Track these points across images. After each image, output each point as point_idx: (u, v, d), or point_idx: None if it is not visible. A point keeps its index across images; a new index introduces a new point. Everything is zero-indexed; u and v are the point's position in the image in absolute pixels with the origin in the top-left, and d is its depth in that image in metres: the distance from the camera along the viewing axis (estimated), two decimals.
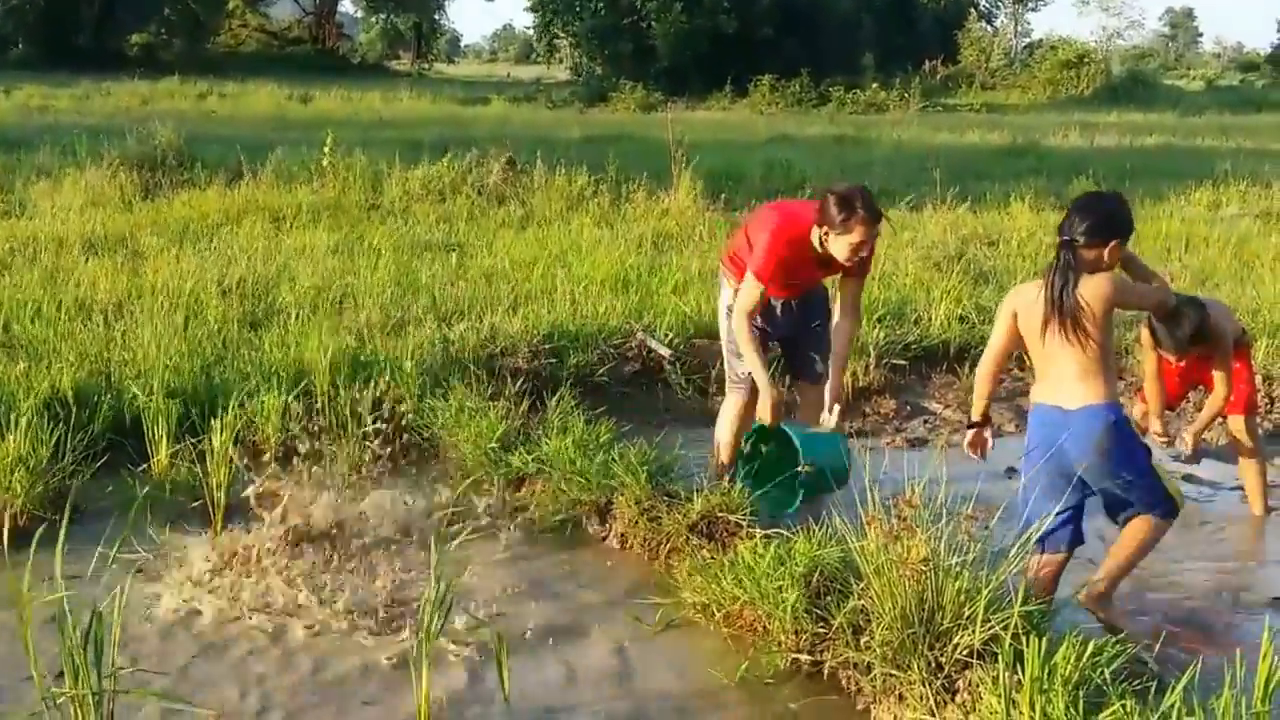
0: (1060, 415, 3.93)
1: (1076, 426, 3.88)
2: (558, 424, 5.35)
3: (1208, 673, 3.16)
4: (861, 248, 4.68)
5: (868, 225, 4.63)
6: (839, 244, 4.67)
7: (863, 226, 4.62)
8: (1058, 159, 17.29)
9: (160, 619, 4.04)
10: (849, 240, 4.64)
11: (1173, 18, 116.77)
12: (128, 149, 12.65)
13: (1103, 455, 3.89)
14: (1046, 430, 3.97)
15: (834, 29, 39.55)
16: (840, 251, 4.69)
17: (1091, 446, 3.88)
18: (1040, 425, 4.01)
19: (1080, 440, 3.88)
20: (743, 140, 20.16)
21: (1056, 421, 3.94)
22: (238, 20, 56.21)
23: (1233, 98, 40.67)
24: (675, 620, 4.11)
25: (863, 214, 4.60)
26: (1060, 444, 3.91)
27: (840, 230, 4.63)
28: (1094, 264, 3.91)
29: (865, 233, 4.64)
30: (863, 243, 4.66)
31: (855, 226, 4.61)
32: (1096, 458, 3.88)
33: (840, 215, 4.60)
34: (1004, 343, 4.12)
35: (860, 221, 4.61)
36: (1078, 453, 3.89)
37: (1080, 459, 3.89)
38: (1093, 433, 3.88)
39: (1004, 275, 9.02)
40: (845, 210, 4.60)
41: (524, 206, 11.51)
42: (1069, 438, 3.90)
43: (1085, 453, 3.88)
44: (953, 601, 3.47)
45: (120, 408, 5.43)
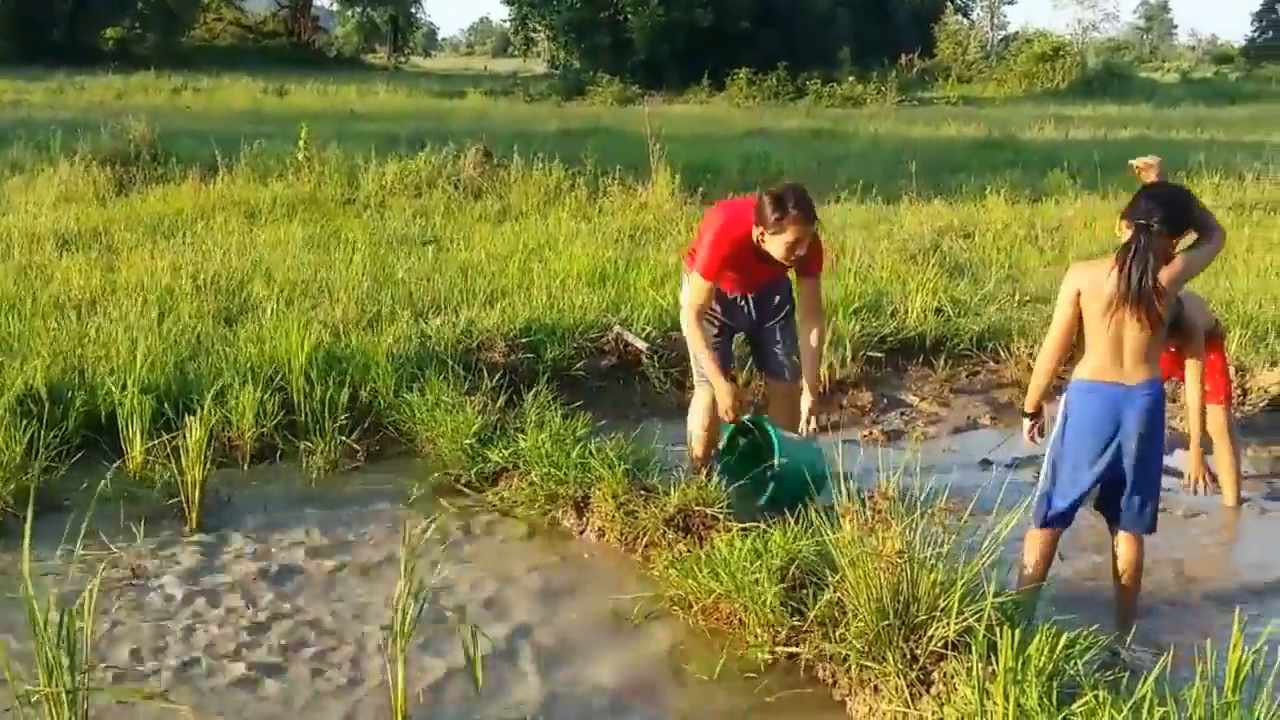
0: (1121, 390, 3.93)
1: (1137, 400, 3.91)
2: (535, 418, 5.34)
3: (1179, 663, 3.19)
4: (797, 246, 4.69)
5: (800, 224, 4.64)
6: (775, 244, 4.69)
7: (795, 226, 4.63)
8: (1033, 152, 17.38)
9: (133, 615, 4.02)
10: (783, 239, 4.66)
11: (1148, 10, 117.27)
12: (102, 144, 12.58)
13: (1150, 428, 3.94)
14: (1107, 406, 3.95)
15: (811, 22, 39.60)
16: (777, 250, 4.70)
17: (1146, 418, 3.92)
18: (1098, 401, 3.97)
19: (1138, 413, 3.92)
20: (720, 134, 20.18)
21: (1117, 397, 3.93)
22: (212, 14, 55.89)
23: (1207, 90, 40.91)
24: (652, 613, 4.11)
25: (795, 213, 4.62)
26: (1121, 417, 3.92)
27: (774, 230, 4.64)
28: (1166, 254, 3.92)
29: (799, 231, 4.65)
30: (797, 241, 4.67)
31: (788, 226, 4.62)
32: (1148, 429, 3.93)
33: (774, 215, 4.62)
34: (1069, 325, 4.03)
35: (793, 221, 4.62)
36: (1133, 425, 3.92)
37: (1134, 431, 3.92)
38: (1152, 405, 3.93)
39: (979, 267, 9.08)
40: (778, 210, 4.62)
41: (501, 200, 11.49)
42: (1127, 411, 3.92)
43: (1138, 424, 3.92)
44: (928, 593, 3.48)
45: (94, 404, 5.39)
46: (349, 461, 5.41)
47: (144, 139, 12.74)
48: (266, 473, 5.31)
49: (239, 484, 5.14)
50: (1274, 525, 5.23)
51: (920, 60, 43.49)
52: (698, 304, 4.90)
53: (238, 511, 4.89)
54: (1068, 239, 10.36)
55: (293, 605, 4.15)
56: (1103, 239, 10.25)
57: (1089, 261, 4.09)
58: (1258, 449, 6.06)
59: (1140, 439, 3.92)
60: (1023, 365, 6.92)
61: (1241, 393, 6.53)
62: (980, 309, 7.65)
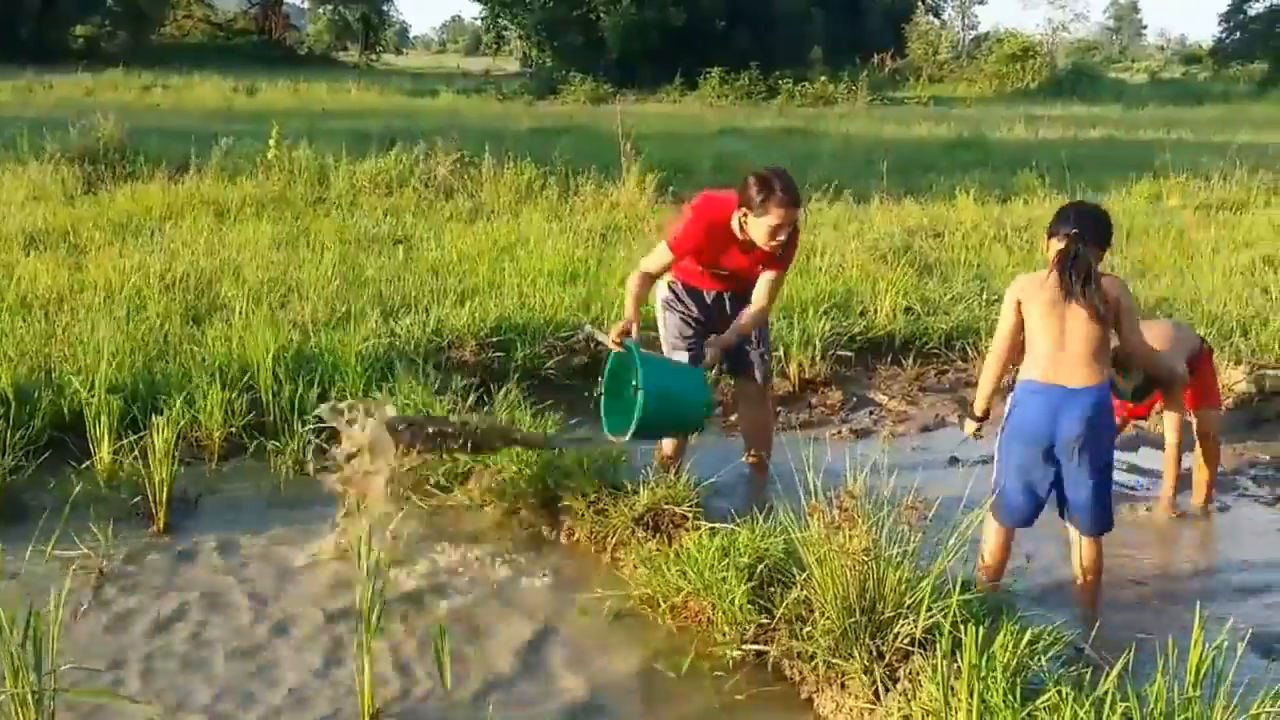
0: (1062, 392, 3.98)
1: (1078, 404, 3.96)
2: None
3: (1141, 659, 3.23)
4: (779, 230, 4.67)
5: (785, 208, 4.62)
6: (757, 226, 4.67)
7: (780, 209, 4.61)
8: (1003, 151, 17.49)
9: (100, 615, 4.00)
10: (767, 222, 4.64)
11: (1117, 11, 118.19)
12: (70, 142, 12.47)
13: (1092, 432, 3.98)
14: (1045, 409, 4.00)
15: (783, 22, 39.73)
16: (758, 234, 4.68)
17: (1087, 424, 3.96)
18: (1037, 403, 4.03)
19: (1077, 418, 3.96)
20: (692, 132, 20.20)
21: (1057, 399, 3.98)
22: (182, 11, 55.59)
23: (1175, 90, 41.29)
24: (622, 612, 4.11)
25: (780, 195, 4.60)
26: (1055, 420, 3.98)
27: (758, 212, 4.63)
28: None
29: (782, 215, 4.63)
30: (780, 225, 4.65)
31: (772, 208, 4.61)
32: (1089, 433, 3.96)
33: (758, 196, 4.61)
34: (1011, 331, 4.13)
35: (778, 203, 4.61)
36: (1072, 428, 3.96)
37: (1070, 435, 3.97)
38: (1094, 410, 3.98)
39: (949, 267, 9.12)
40: (763, 191, 4.61)
41: (472, 199, 11.48)
42: (1065, 414, 3.97)
43: (1078, 427, 3.96)
44: (894, 591, 3.51)
45: (61, 404, 5.36)
46: (317, 460, 5.39)
47: (113, 137, 12.63)
48: (235, 472, 5.29)
49: (207, 484, 5.12)
50: (1236, 523, 5.29)
51: (892, 60, 43.68)
52: (649, 268, 4.89)
53: (205, 511, 4.87)
54: (1036, 238, 10.41)
55: (260, 605, 4.14)
56: None
57: (1028, 275, 4.19)
58: (1222, 448, 6.10)
59: (1081, 442, 3.96)
60: None
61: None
62: (949, 308, 7.69)
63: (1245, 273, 9.01)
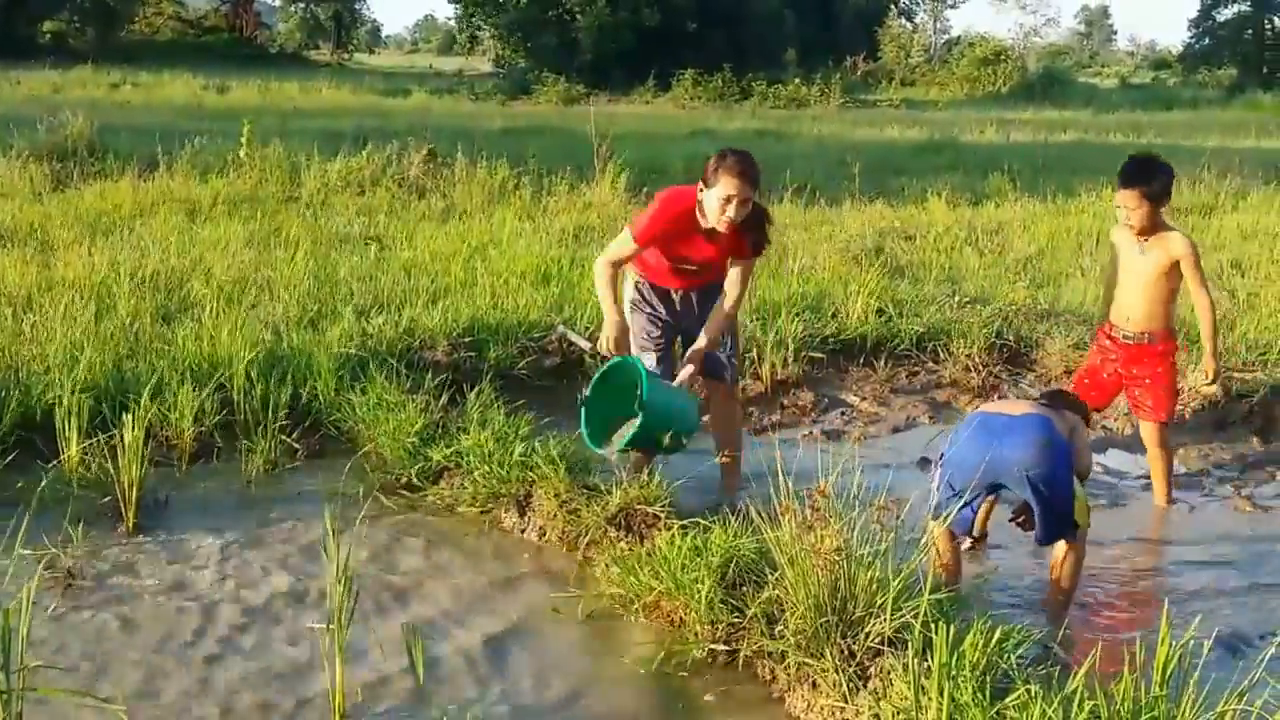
0: (1004, 420, 4.17)
1: (1020, 433, 4.11)
2: (477, 417, 5.33)
3: (1109, 658, 3.26)
4: (729, 204, 4.63)
5: (734, 176, 4.60)
6: (710, 198, 4.66)
7: (730, 178, 4.60)
8: (974, 155, 17.60)
9: (69, 615, 3.97)
10: (717, 194, 4.63)
11: (1088, 16, 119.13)
12: (38, 139, 12.37)
13: (1040, 465, 4.07)
14: (987, 435, 4.15)
15: (756, 24, 39.85)
16: (711, 208, 4.66)
17: (1034, 454, 4.07)
18: (981, 429, 4.21)
19: (1022, 446, 4.08)
20: (665, 133, 20.24)
21: (998, 428, 4.16)
22: (152, 8, 55.14)
23: (1145, 95, 41.68)
24: (594, 612, 4.12)
25: (730, 163, 4.60)
26: (1000, 447, 4.07)
27: (711, 182, 4.64)
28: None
29: (733, 186, 4.60)
30: (730, 197, 4.62)
31: (723, 176, 4.60)
32: (1035, 463, 4.07)
33: (712, 166, 4.64)
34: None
35: (727, 170, 4.60)
36: (1016, 456, 4.08)
37: (1017, 461, 4.08)
38: (1040, 441, 4.09)
39: (920, 269, 9.18)
40: (717, 162, 4.63)
41: (445, 199, 11.45)
42: (1010, 442, 4.08)
43: (1023, 458, 4.07)
44: (865, 590, 3.53)
45: (29, 402, 5.31)
46: (289, 461, 5.37)
47: (81, 134, 12.54)
48: (205, 472, 5.26)
49: (177, 483, 5.08)
50: (1203, 524, 5.34)
51: (864, 63, 43.90)
52: (612, 257, 4.89)
53: (175, 511, 4.84)
54: (1007, 241, 10.51)
55: (229, 604, 4.12)
56: (1040, 241, 10.42)
57: None
58: (1189, 449, 6.18)
59: (1029, 469, 4.03)
60: (961, 366, 7.01)
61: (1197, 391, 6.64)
62: (921, 310, 7.73)
63: (1213, 277, 9.07)
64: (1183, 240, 5.21)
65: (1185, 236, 5.26)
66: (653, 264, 5.01)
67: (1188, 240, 5.23)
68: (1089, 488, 5.49)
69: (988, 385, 6.83)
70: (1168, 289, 5.26)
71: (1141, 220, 5.13)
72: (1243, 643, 4.09)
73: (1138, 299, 5.29)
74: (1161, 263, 5.18)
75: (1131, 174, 5.16)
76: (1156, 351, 5.33)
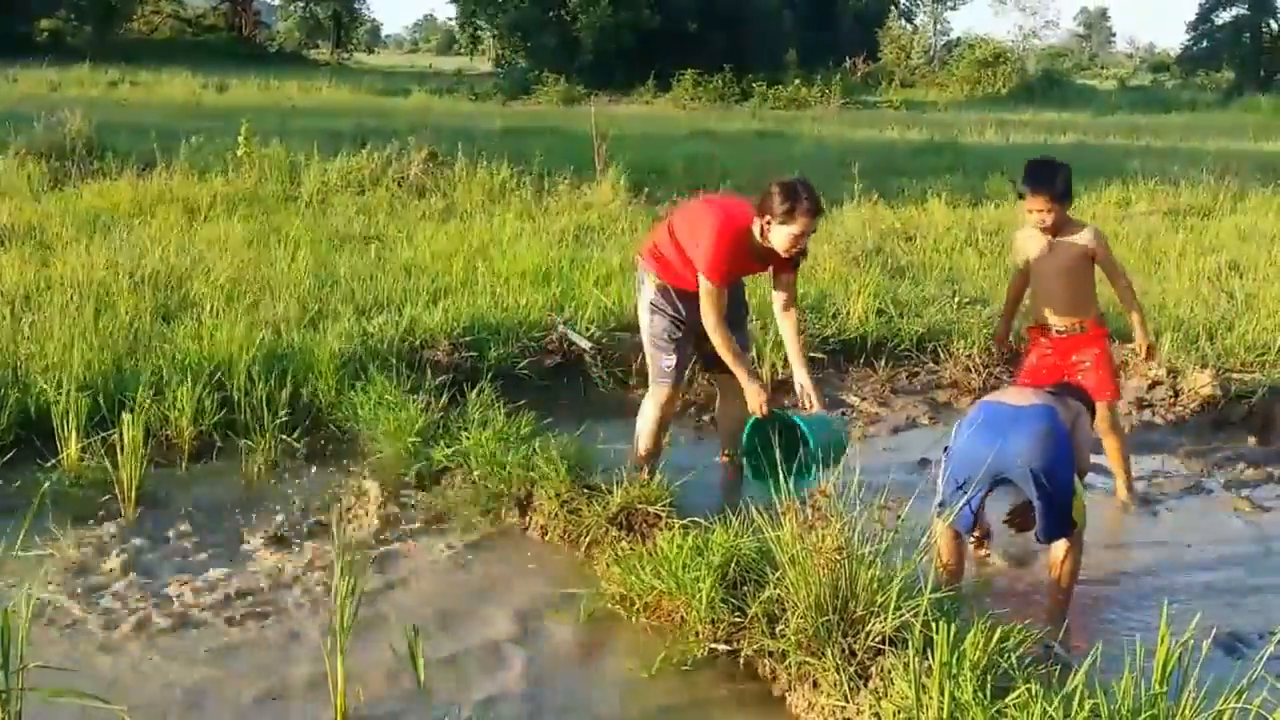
0: (1011, 411, 4.15)
1: (1026, 424, 4.08)
2: (478, 417, 5.34)
3: (1109, 657, 3.26)
4: (802, 239, 4.78)
5: (810, 217, 4.74)
6: (780, 234, 4.75)
7: (806, 218, 4.72)
8: (974, 156, 17.59)
9: (69, 614, 3.97)
10: (790, 231, 4.73)
11: (1087, 18, 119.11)
12: (36, 137, 12.35)
13: (1044, 458, 4.04)
14: (994, 425, 4.13)
15: (757, 25, 39.84)
16: (780, 242, 4.77)
17: (1038, 446, 4.04)
18: (988, 417, 4.19)
19: (1026, 438, 4.05)
20: (665, 134, 20.22)
21: (1006, 418, 4.13)
22: (151, 6, 55.04)
23: (1143, 98, 41.74)
24: (595, 611, 4.12)
25: (807, 204, 4.71)
26: (1006, 438, 4.05)
27: (783, 220, 4.72)
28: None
29: (807, 224, 4.74)
30: (803, 234, 4.76)
31: (799, 217, 4.71)
32: (1039, 456, 4.04)
33: (784, 205, 4.70)
34: None
35: (804, 213, 4.71)
36: (1020, 448, 4.05)
37: (1020, 453, 4.05)
38: (1046, 432, 4.07)
39: (921, 270, 9.18)
40: (790, 200, 4.70)
41: (445, 199, 11.44)
42: (1016, 433, 4.06)
43: (1027, 450, 4.05)
44: (866, 590, 3.53)
45: (28, 401, 5.31)
46: (289, 460, 5.37)
47: (80, 133, 12.52)
48: (205, 471, 5.26)
49: (177, 482, 5.08)
50: (1202, 523, 5.34)
51: (864, 64, 43.90)
52: (717, 312, 4.91)
53: (175, 510, 4.84)
54: (1007, 242, 10.49)
55: (230, 604, 4.12)
56: None
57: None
58: (1187, 449, 6.19)
59: (1032, 461, 4.00)
60: (961, 366, 7.01)
61: (1174, 394, 6.67)
62: (921, 311, 7.73)
63: (1211, 278, 9.10)
64: (1090, 230, 5.37)
65: (1091, 227, 5.41)
66: (677, 269, 5.02)
67: (1094, 230, 5.38)
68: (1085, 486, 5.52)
69: (988, 386, 6.81)
70: (1086, 280, 5.39)
71: (1054, 221, 5.26)
72: (1241, 642, 4.10)
73: (1060, 297, 5.40)
74: (1074, 255, 5.31)
75: (1038, 178, 5.28)
76: (1089, 338, 5.42)
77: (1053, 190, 5.20)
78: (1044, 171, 5.32)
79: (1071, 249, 5.31)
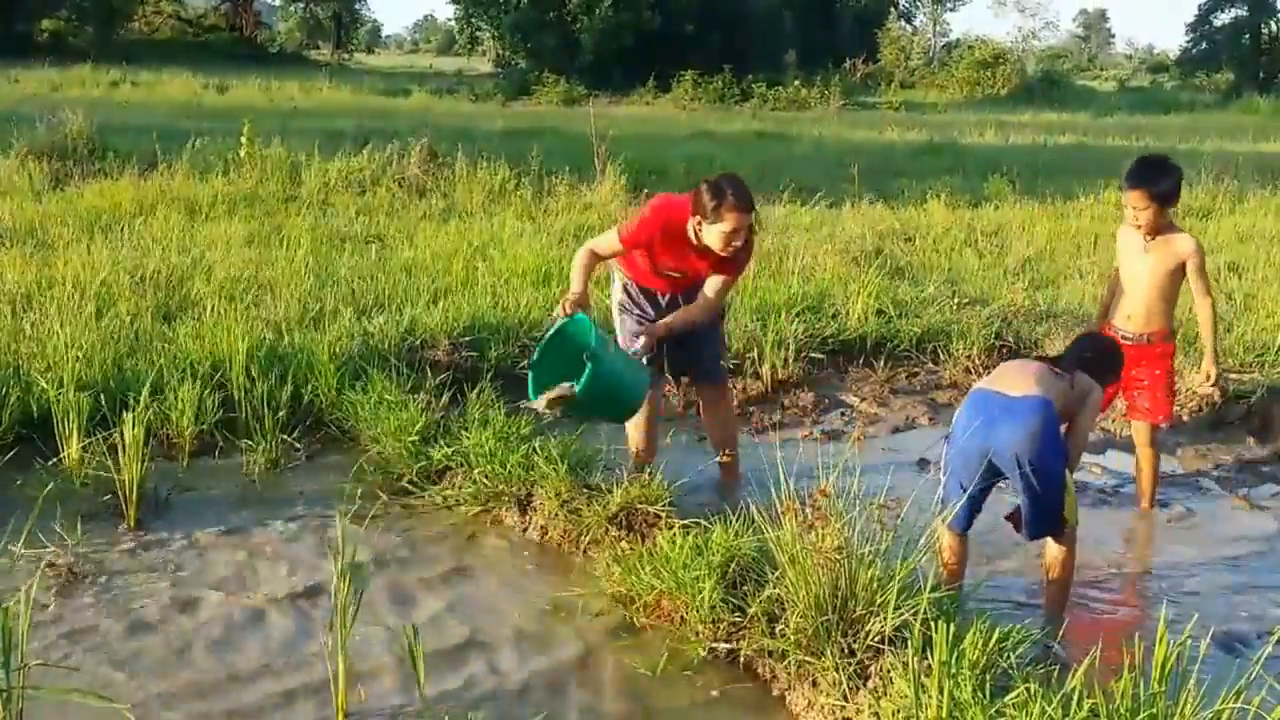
0: (1004, 401, 4.11)
1: (1018, 415, 4.05)
2: (478, 416, 5.35)
3: (1108, 656, 3.27)
4: (734, 237, 4.66)
5: (737, 213, 4.61)
6: (711, 233, 4.67)
7: (733, 214, 4.61)
8: (974, 157, 17.61)
9: (70, 613, 3.98)
10: (720, 229, 4.64)
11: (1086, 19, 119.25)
12: (37, 137, 12.36)
13: (1034, 450, 4.02)
14: (983, 411, 4.13)
15: (757, 26, 39.87)
16: (713, 241, 4.69)
17: (1027, 438, 4.01)
18: (978, 405, 4.19)
19: (1017, 428, 4.03)
20: (665, 135, 20.23)
21: (998, 407, 4.11)
22: (152, 6, 55.05)
23: (1143, 99, 41.76)
24: (595, 611, 4.13)
25: (732, 201, 4.60)
26: (995, 426, 4.05)
27: (712, 219, 4.63)
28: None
29: (736, 220, 4.62)
30: (735, 231, 4.64)
31: (725, 214, 4.61)
32: (1029, 448, 4.01)
33: (711, 203, 4.62)
34: None
35: (730, 208, 4.60)
36: (1010, 438, 4.03)
37: (1011, 443, 4.03)
38: (1037, 424, 4.03)
39: (920, 270, 9.19)
40: (715, 198, 4.61)
41: (446, 199, 11.46)
42: (1007, 423, 4.04)
43: (1017, 442, 4.02)
44: (865, 589, 3.54)
45: (29, 401, 5.32)
46: (290, 459, 5.38)
47: (81, 133, 12.53)
48: (206, 471, 5.27)
49: (178, 482, 5.09)
50: (1200, 523, 5.35)
51: (864, 65, 43.92)
52: (597, 248, 4.90)
53: (176, 510, 4.85)
54: (1006, 243, 10.52)
55: (231, 603, 4.13)
56: (1039, 243, 10.44)
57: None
58: (1186, 449, 6.20)
59: (1020, 454, 3.99)
60: (961, 367, 7.02)
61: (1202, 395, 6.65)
62: (920, 311, 7.74)
63: (1211, 279, 9.09)
64: (1189, 241, 5.16)
65: (1192, 238, 5.20)
66: (641, 266, 5.02)
67: (1194, 242, 5.17)
68: (1089, 487, 5.55)
69: None
70: (1170, 290, 5.23)
71: (1149, 221, 5.08)
72: (1240, 642, 4.11)
73: (1140, 300, 5.25)
74: (1166, 264, 5.15)
75: (1140, 174, 5.10)
76: (1155, 353, 5.30)
77: (1153, 188, 5.02)
78: (1149, 169, 5.13)
79: (1165, 255, 5.15)
